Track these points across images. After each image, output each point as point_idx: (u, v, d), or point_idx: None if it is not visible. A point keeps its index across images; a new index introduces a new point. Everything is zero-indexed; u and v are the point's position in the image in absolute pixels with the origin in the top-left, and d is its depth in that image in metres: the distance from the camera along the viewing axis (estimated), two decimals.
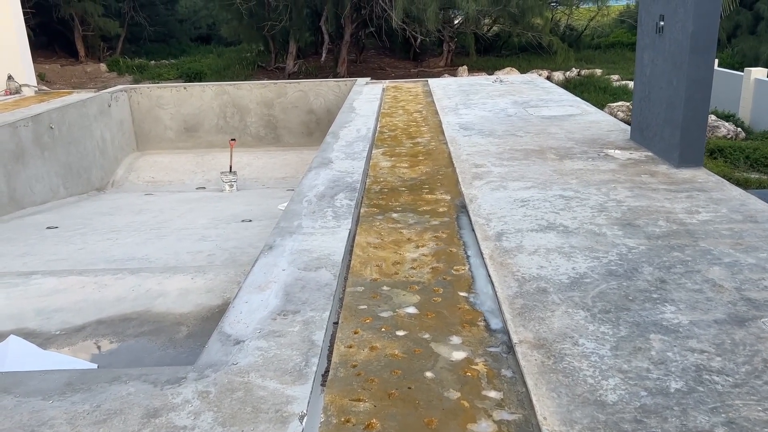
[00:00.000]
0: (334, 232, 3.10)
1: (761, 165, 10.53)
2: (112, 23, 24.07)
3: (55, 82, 20.09)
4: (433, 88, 7.94)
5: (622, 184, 3.75)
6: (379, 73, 20.94)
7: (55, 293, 3.25)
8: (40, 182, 6.81)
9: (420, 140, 5.28)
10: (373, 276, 2.69)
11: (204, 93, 9.15)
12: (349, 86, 8.77)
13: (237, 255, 4.35)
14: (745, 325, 2.12)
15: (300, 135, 9.18)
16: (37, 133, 6.84)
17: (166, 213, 6.25)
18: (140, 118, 9.15)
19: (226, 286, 3.28)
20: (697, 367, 1.89)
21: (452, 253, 2.93)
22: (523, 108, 6.31)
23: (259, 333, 2.15)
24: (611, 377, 1.85)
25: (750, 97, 13.75)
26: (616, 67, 20.47)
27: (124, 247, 4.78)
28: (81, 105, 7.81)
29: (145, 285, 3.31)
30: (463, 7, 18.22)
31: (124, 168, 8.65)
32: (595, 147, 4.65)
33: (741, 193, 3.51)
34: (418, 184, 4.03)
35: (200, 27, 28.89)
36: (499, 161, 4.39)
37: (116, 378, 1.91)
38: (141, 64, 23.11)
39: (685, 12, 3.83)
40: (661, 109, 4.25)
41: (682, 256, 2.70)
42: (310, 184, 3.97)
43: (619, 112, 13.27)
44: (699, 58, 3.83)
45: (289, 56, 21.31)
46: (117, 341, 2.88)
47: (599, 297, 2.36)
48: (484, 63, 21.70)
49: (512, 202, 3.52)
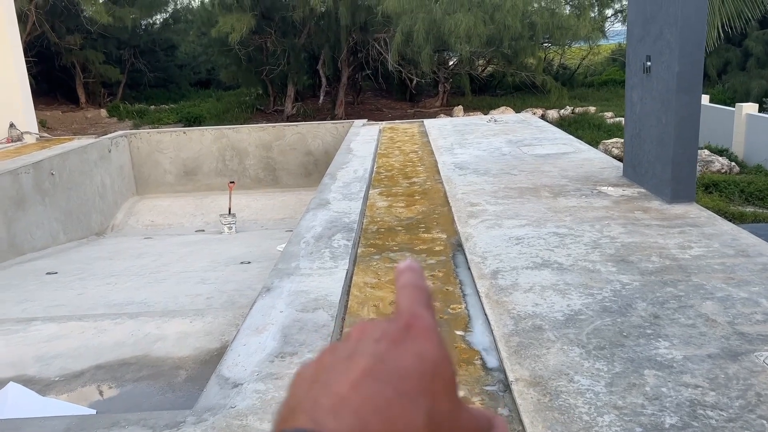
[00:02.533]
0: (331, 272, 3.13)
1: (756, 198, 10.61)
2: (113, 70, 24.51)
3: (57, 128, 20.34)
4: (429, 129, 8.07)
5: (616, 220, 3.80)
6: (376, 114, 21.24)
7: (54, 339, 3.26)
8: (40, 228, 6.86)
9: (416, 180, 5.36)
10: (370, 316, 2.72)
11: (203, 137, 9.28)
12: (346, 128, 8.91)
13: (236, 297, 4.37)
14: (739, 359, 2.14)
15: (298, 176, 9.27)
16: (38, 179, 6.93)
17: (166, 256, 6.28)
18: (140, 163, 9.26)
19: (224, 329, 3.29)
20: (691, 402, 1.90)
21: (449, 291, 2.95)
22: (518, 147, 6.41)
23: (257, 376, 2.16)
24: (606, 414, 1.87)
25: (742, 132, 13.94)
26: (610, 105, 20.78)
27: (123, 291, 4.80)
28: (82, 151, 7.92)
29: (144, 329, 3.33)
30: (456, 49, 18.60)
31: (124, 212, 8.71)
32: (589, 184, 4.72)
33: (733, 228, 3.56)
34: (414, 224, 4.08)
35: (199, 72, 29.41)
36: (494, 200, 4.45)
37: (115, 423, 1.92)
38: (141, 109, 23.44)
39: (670, 53, 3.95)
40: (652, 146, 4.33)
41: (675, 291, 2.73)
42: (308, 225, 4.01)
43: (614, 149, 13.43)
44: (686, 97, 3.93)
45: (288, 99, 21.65)
46: (116, 386, 2.89)
47: (594, 333, 2.38)
48: (479, 102, 22.04)
49: (507, 240, 3.56)
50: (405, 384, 0.34)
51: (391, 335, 0.37)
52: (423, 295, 0.40)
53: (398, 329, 0.37)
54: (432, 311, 0.40)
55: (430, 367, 0.35)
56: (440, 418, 0.34)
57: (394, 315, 0.39)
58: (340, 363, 0.35)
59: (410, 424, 0.33)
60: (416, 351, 0.36)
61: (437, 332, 0.38)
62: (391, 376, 0.34)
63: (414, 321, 0.38)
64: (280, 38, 20.94)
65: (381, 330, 0.37)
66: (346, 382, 0.34)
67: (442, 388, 0.35)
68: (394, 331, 0.37)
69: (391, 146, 7.14)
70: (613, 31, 24.57)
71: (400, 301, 0.40)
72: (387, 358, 0.35)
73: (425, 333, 0.37)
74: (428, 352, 0.36)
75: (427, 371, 0.35)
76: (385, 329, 0.37)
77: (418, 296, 0.40)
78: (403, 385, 0.34)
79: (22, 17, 17.71)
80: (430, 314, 0.39)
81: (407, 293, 0.40)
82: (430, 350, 0.36)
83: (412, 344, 0.36)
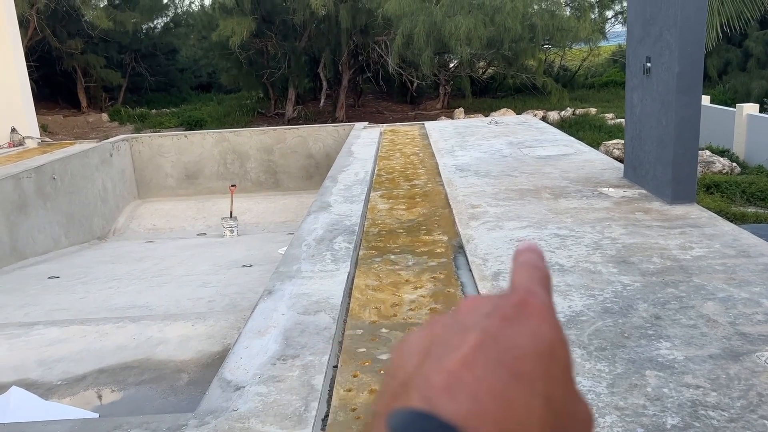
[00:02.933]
0: (332, 275, 3.14)
1: (757, 199, 10.61)
2: (114, 74, 24.56)
3: (58, 132, 20.39)
4: (430, 131, 8.07)
5: (617, 221, 3.80)
6: (377, 116, 21.26)
7: (56, 343, 3.27)
8: (42, 232, 6.87)
9: (417, 182, 5.36)
10: (371, 318, 2.72)
11: (204, 140, 9.30)
12: (347, 131, 8.92)
13: (237, 300, 4.38)
14: (740, 360, 2.14)
15: (299, 179, 9.29)
16: (39, 184, 6.94)
17: (167, 260, 6.29)
18: (141, 167, 9.27)
19: (226, 332, 3.30)
20: (692, 403, 1.91)
21: (450, 293, 2.96)
22: (518, 148, 6.41)
23: (259, 378, 2.17)
24: (608, 414, 1.87)
25: (743, 133, 13.94)
26: (611, 106, 20.79)
27: (125, 295, 4.81)
28: (83, 155, 7.93)
29: (146, 333, 3.33)
30: (457, 51, 18.63)
31: (126, 216, 8.73)
32: (590, 185, 4.72)
33: (733, 228, 3.56)
34: (415, 226, 4.08)
35: (200, 76, 29.47)
36: (495, 201, 4.45)
37: (117, 427, 1.93)
38: (142, 113, 23.49)
39: (670, 54, 3.95)
40: (653, 147, 4.34)
41: (676, 292, 2.73)
42: (309, 228, 4.02)
43: (615, 150, 13.43)
44: (686, 98, 3.93)
45: (289, 102, 21.68)
46: (118, 390, 2.89)
47: (595, 334, 2.39)
48: (480, 104, 22.05)
49: (508, 241, 3.56)
50: (521, 365, 0.31)
51: (503, 311, 0.34)
52: (541, 275, 0.38)
53: (512, 305, 0.34)
54: (549, 292, 0.37)
55: (546, 348, 0.33)
56: (557, 406, 0.31)
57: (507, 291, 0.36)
58: (450, 336, 0.33)
59: (529, 411, 0.30)
60: (531, 330, 0.33)
61: (553, 312, 0.35)
62: (504, 355, 0.31)
63: (529, 298, 0.35)
64: (280, 41, 20.99)
65: (493, 305, 0.35)
66: (457, 358, 0.31)
67: (559, 372, 0.33)
68: (507, 307, 0.34)
69: (392, 149, 7.15)
70: (614, 33, 24.60)
71: (515, 279, 0.37)
72: (499, 335, 0.32)
73: (541, 312, 0.34)
74: (545, 332, 0.33)
75: (544, 353, 0.32)
76: (497, 304, 0.35)
77: (536, 275, 0.37)
78: (518, 367, 0.31)
79: (23, 22, 17.77)
80: (547, 294, 0.37)
81: (524, 271, 0.38)
82: (546, 330, 0.33)
83: (527, 323, 0.33)
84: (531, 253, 0.39)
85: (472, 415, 0.29)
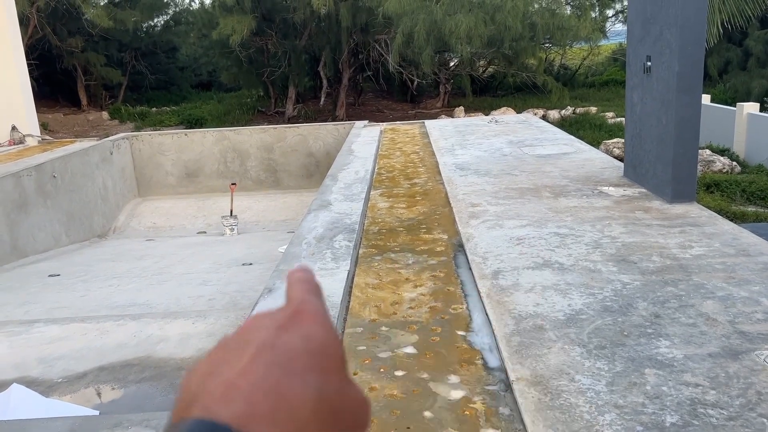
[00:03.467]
0: (333, 273, 3.14)
1: (757, 198, 10.61)
2: (114, 72, 24.55)
3: (58, 130, 20.39)
4: (430, 130, 8.08)
5: (617, 220, 3.80)
6: (377, 115, 21.26)
7: (57, 341, 3.28)
8: (43, 230, 6.88)
9: (417, 181, 5.37)
10: (371, 317, 2.73)
11: (204, 139, 9.30)
12: (347, 129, 8.92)
13: (238, 298, 4.38)
14: (739, 358, 2.15)
15: (300, 178, 9.29)
16: (39, 182, 6.94)
17: (168, 258, 6.30)
18: (142, 165, 9.28)
19: (226, 330, 3.30)
20: (691, 401, 1.91)
21: (450, 292, 2.96)
22: (518, 147, 6.42)
23: None
24: (607, 413, 1.87)
25: (743, 132, 13.93)
26: (611, 105, 20.78)
27: (125, 293, 4.81)
28: (83, 153, 7.94)
29: (146, 331, 3.34)
30: (457, 49, 18.62)
31: (126, 214, 8.73)
32: (590, 184, 4.73)
33: (733, 227, 3.56)
34: (415, 224, 4.09)
35: (201, 74, 29.46)
36: (495, 200, 4.45)
37: (118, 424, 1.93)
38: (142, 112, 23.48)
39: (670, 53, 3.95)
40: (653, 146, 4.34)
41: (676, 290, 2.74)
42: (309, 226, 4.02)
43: (615, 149, 13.43)
44: (686, 97, 3.93)
45: (289, 101, 21.68)
46: (118, 387, 2.90)
47: (595, 333, 2.39)
48: (480, 103, 22.04)
49: (508, 240, 3.57)
50: (293, 364, 0.35)
51: (279, 322, 0.38)
52: (312, 286, 0.42)
53: (287, 316, 0.38)
54: (321, 299, 0.41)
55: (317, 346, 0.37)
56: (329, 393, 0.35)
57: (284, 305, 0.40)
58: (230, 354, 0.36)
59: (300, 400, 0.34)
60: (304, 333, 0.37)
61: (326, 316, 0.39)
62: (280, 358, 0.35)
63: (302, 306, 0.39)
64: (281, 40, 20.98)
65: (270, 318, 0.38)
66: (235, 370, 0.35)
67: (330, 365, 0.37)
68: (283, 318, 0.38)
69: (393, 147, 7.15)
70: (614, 32, 24.58)
71: (290, 293, 0.41)
72: (276, 344, 0.36)
73: (312, 316, 0.39)
74: (316, 332, 0.37)
75: (315, 350, 0.36)
76: (274, 317, 0.38)
77: (307, 287, 0.42)
78: (291, 365, 0.35)
79: (23, 20, 17.75)
80: (319, 301, 0.41)
81: (297, 285, 0.42)
82: (317, 331, 0.38)
83: (300, 327, 0.37)
84: (302, 272, 0.44)
85: (245, 416, 0.33)
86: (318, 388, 0.35)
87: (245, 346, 0.37)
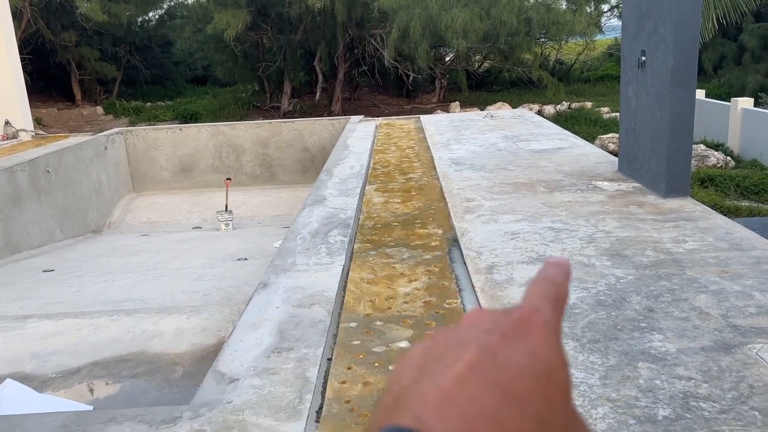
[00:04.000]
0: (327, 268, 3.14)
1: (751, 193, 10.65)
2: (109, 67, 24.44)
3: (52, 125, 20.29)
4: (425, 125, 8.07)
5: (611, 215, 3.81)
6: (372, 110, 21.22)
7: (51, 336, 3.27)
8: (37, 226, 6.85)
9: (412, 176, 5.36)
10: (366, 311, 2.73)
11: (199, 134, 9.27)
12: (342, 124, 8.91)
13: (232, 294, 4.38)
14: (732, 352, 2.16)
15: (295, 173, 9.27)
16: (33, 177, 6.91)
17: (162, 253, 6.28)
18: (136, 160, 9.24)
19: (221, 325, 3.30)
20: (684, 395, 1.92)
21: (444, 286, 2.97)
22: (514, 142, 6.42)
23: (253, 371, 2.17)
24: (600, 406, 1.88)
25: (738, 127, 13.97)
26: (606, 100, 20.80)
27: (120, 288, 4.80)
28: (77, 148, 7.90)
29: (140, 326, 3.34)
30: (453, 44, 18.59)
31: (121, 209, 8.71)
32: (584, 179, 4.73)
33: (727, 222, 3.58)
34: (410, 219, 4.09)
35: (196, 69, 29.35)
36: (489, 195, 4.46)
37: (112, 419, 1.93)
38: (137, 107, 23.39)
39: (665, 47, 3.95)
40: (647, 141, 4.35)
41: (669, 285, 2.75)
42: (304, 221, 4.02)
43: (610, 144, 13.45)
44: (681, 92, 3.94)
45: (284, 96, 21.62)
46: (113, 383, 2.89)
47: (588, 327, 2.40)
48: (475, 98, 22.03)
49: (503, 235, 3.57)
50: (515, 385, 0.31)
51: (503, 328, 0.34)
52: (557, 293, 0.37)
53: (513, 322, 0.34)
54: (559, 310, 0.36)
55: (543, 369, 0.32)
56: (552, 428, 0.31)
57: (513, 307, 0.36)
58: (448, 352, 0.33)
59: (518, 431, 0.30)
60: (530, 349, 0.33)
61: (557, 332, 0.35)
62: (500, 374, 0.31)
63: (532, 316, 0.34)
64: (276, 34, 20.91)
65: (494, 321, 0.34)
66: (451, 376, 0.31)
67: (555, 392, 0.32)
68: (508, 324, 0.34)
69: (388, 142, 7.14)
70: (610, 26, 24.59)
71: (528, 293, 0.37)
72: (497, 353, 0.32)
73: (542, 330, 0.34)
74: (543, 351, 0.33)
75: (541, 373, 0.32)
76: (499, 321, 0.34)
77: (551, 292, 0.37)
78: (513, 387, 0.31)
79: (16, 14, 17.66)
80: (555, 312, 0.36)
81: (539, 285, 0.37)
82: (545, 350, 0.33)
83: (526, 341, 0.33)
84: (556, 267, 0.39)
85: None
86: (540, 419, 0.31)
87: (463, 346, 0.33)
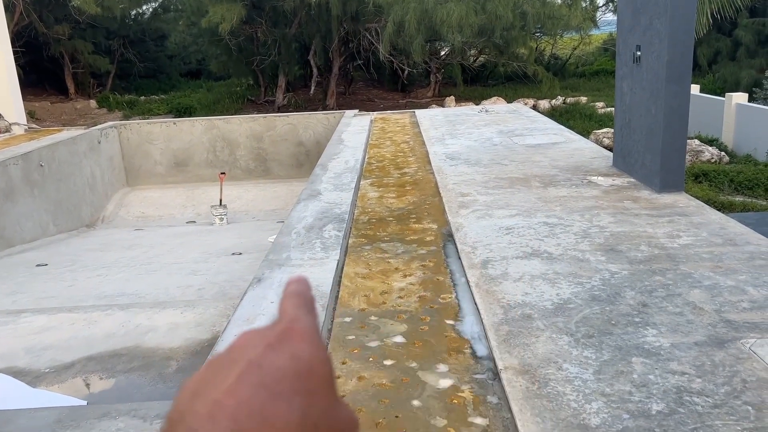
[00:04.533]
0: (322, 263, 3.13)
1: (745, 188, 10.68)
2: (102, 60, 24.28)
3: (45, 119, 20.17)
4: (420, 119, 8.06)
5: (605, 210, 3.82)
6: (367, 104, 21.18)
7: (44, 331, 3.26)
8: (30, 220, 6.82)
9: (407, 170, 5.36)
10: (361, 306, 2.73)
11: (194, 128, 9.23)
12: (337, 118, 8.88)
13: (227, 288, 4.37)
14: (725, 347, 2.17)
15: (290, 167, 9.25)
16: (26, 170, 6.88)
17: (157, 248, 6.26)
18: (130, 154, 9.20)
19: (215, 320, 3.30)
20: (677, 389, 1.93)
21: (439, 281, 2.97)
22: (509, 137, 6.42)
23: None
24: (594, 401, 1.89)
25: (732, 122, 14.01)
26: (601, 95, 20.80)
27: (114, 283, 4.79)
28: (71, 142, 7.86)
29: (134, 320, 3.33)
30: (448, 38, 18.55)
31: (114, 204, 8.67)
32: (579, 174, 4.74)
33: (721, 217, 3.59)
34: (405, 214, 4.09)
35: (190, 62, 29.20)
36: (484, 190, 4.46)
37: (106, 414, 1.93)
38: (131, 100, 23.26)
39: (660, 42, 3.96)
40: (642, 136, 4.35)
41: (663, 279, 2.76)
42: (299, 216, 4.01)
43: (605, 139, 13.46)
44: (675, 87, 3.94)
45: (279, 90, 21.54)
46: (106, 377, 2.89)
47: (583, 322, 2.40)
48: (471, 93, 22.01)
49: (497, 230, 3.57)
50: (280, 385, 0.35)
51: (268, 340, 0.37)
52: (305, 301, 0.41)
53: (276, 334, 0.38)
54: (314, 315, 0.41)
55: (305, 366, 0.36)
56: (316, 415, 0.35)
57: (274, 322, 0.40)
58: (219, 372, 0.36)
59: (284, 423, 0.34)
60: (292, 353, 0.37)
61: (316, 334, 0.39)
62: (266, 379, 0.35)
63: (292, 324, 0.39)
64: (270, 28, 20.81)
65: (260, 336, 0.38)
66: (222, 389, 0.35)
67: (318, 386, 0.36)
68: (272, 336, 0.38)
69: (383, 137, 7.13)
70: (605, 21, 24.57)
71: (282, 307, 0.41)
72: (264, 363, 0.36)
73: (302, 335, 0.38)
74: (303, 352, 0.37)
75: (302, 371, 0.36)
76: (263, 335, 0.38)
77: (300, 302, 0.41)
78: (278, 387, 0.35)
79: (9, 7, 17.52)
80: (310, 318, 0.40)
81: (290, 299, 0.41)
82: (305, 350, 0.37)
83: (288, 346, 0.37)
84: (296, 283, 0.43)
85: None
86: (303, 411, 0.35)
87: (233, 364, 0.36)
